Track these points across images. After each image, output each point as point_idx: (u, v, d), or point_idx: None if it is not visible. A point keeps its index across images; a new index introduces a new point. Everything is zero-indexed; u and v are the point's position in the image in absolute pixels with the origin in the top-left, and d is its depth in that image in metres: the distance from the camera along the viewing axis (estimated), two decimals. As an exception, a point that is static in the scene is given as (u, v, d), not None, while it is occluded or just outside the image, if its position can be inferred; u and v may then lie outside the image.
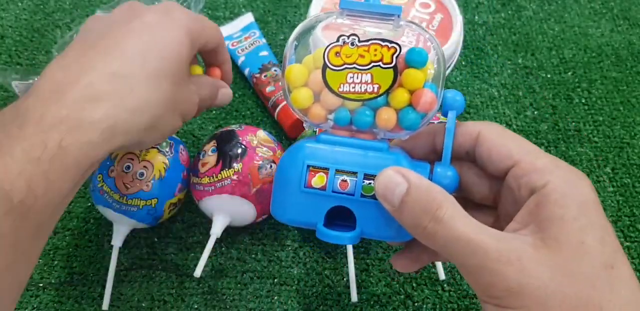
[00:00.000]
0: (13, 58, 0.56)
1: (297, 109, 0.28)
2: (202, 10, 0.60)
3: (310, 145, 0.27)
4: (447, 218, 0.22)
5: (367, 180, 0.26)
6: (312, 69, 0.28)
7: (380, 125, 0.28)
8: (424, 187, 0.23)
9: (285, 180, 0.27)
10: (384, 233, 0.27)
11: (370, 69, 0.27)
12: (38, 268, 0.43)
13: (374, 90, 0.27)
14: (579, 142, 0.51)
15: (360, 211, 0.26)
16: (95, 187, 0.40)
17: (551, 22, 0.61)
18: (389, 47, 0.26)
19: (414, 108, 0.27)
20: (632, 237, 0.46)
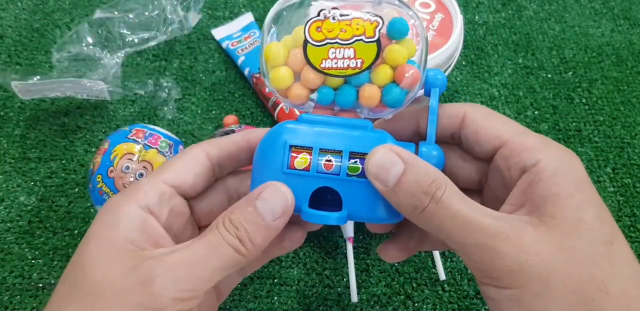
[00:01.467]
0: (13, 58, 0.56)
1: (276, 90, 0.27)
2: (202, 10, 0.60)
3: (291, 126, 0.26)
4: (445, 198, 0.22)
5: (352, 159, 0.25)
6: (291, 48, 0.27)
7: (363, 102, 0.27)
8: (422, 166, 0.23)
9: (266, 162, 0.26)
10: (372, 215, 0.26)
11: (352, 43, 0.26)
12: (37, 268, 0.43)
13: (357, 65, 0.26)
14: (580, 142, 0.51)
15: (347, 191, 0.25)
16: (95, 187, 0.40)
17: (552, 22, 0.61)
18: (371, 21, 0.26)
19: (398, 84, 0.26)
20: (633, 237, 0.45)
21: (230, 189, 0.29)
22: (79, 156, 0.50)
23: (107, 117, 0.52)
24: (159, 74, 0.55)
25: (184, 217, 0.27)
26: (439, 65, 0.42)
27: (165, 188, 0.25)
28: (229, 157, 0.28)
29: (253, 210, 0.24)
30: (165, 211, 0.25)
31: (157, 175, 0.26)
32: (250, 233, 0.24)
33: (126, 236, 0.23)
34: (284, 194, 0.24)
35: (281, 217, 0.24)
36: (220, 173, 0.28)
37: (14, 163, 0.49)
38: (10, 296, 0.42)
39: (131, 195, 0.25)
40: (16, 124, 0.52)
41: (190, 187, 0.26)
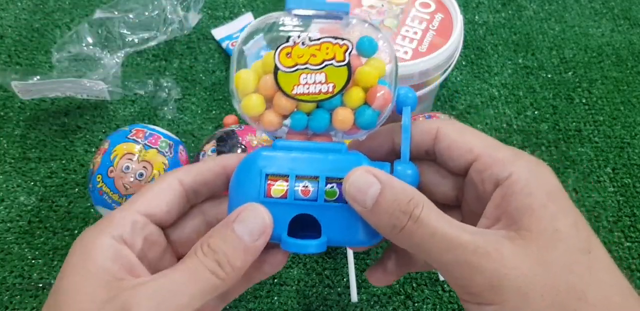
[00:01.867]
0: (13, 58, 0.56)
1: (248, 117, 0.27)
2: (202, 10, 0.60)
3: (266, 153, 0.26)
4: (423, 216, 0.22)
5: (329, 184, 0.25)
6: (261, 75, 0.27)
7: (337, 126, 0.27)
8: (398, 186, 0.23)
9: (242, 191, 0.26)
10: (352, 239, 0.26)
11: (323, 68, 0.26)
12: (37, 268, 0.43)
13: (329, 90, 0.26)
14: (580, 142, 0.51)
15: (325, 217, 0.25)
16: (95, 187, 0.40)
17: (552, 22, 0.61)
18: (340, 45, 0.26)
19: (370, 106, 0.26)
20: (633, 237, 0.45)
21: (207, 214, 0.29)
22: (79, 156, 0.50)
23: (107, 117, 0.52)
24: (159, 73, 0.55)
25: (160, 246, 0.27)
26: (439, 65, 0.42)
27: (138, 218, 0.25)
28: (204, 183, 0.28)
29: (231, 233, 0.24)
30: (139, 240, 0.25)
31: (129, 205, 0.26)
32: (230, 256, 0.23)
33: (101, 268, 0.23)
34: (262, 214, 0.24)
35: (260, 238, 0.24)
36: (196, 199, 0.28)
37: (14, 163, 0.49)
38: (10, 296, 0.42)
39: (104, 226, 0.25)
40: (16, 124, 0.52)
41: (164, 215, 0.26)
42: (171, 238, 0.28)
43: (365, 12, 0.45)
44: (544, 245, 0.21)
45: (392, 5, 0.45)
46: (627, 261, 0.44)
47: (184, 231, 0.28)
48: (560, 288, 0.20)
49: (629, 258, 0.44)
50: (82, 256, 0.24)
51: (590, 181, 0.49)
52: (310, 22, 0.28)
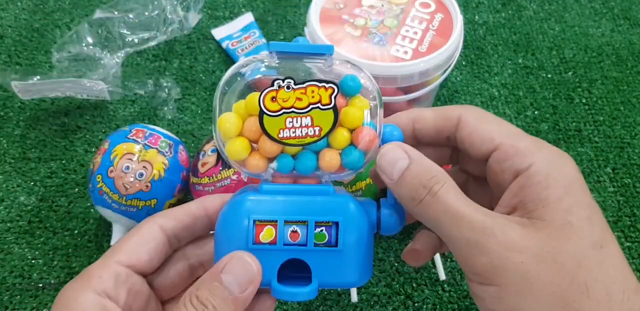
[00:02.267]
0: (12, 58, 0.56)
1: (233, 162, 0.27)
2: (202, 10, 0.60)
3: (253, 198, 0.25)
4: (441, 192, 0.23)
5: (318, 228, 0.25)
6: (244, 116, 0.26)
7: (323, 167, 0.26)
8: (426, 163, 0.24)
9: (230, 238, 0.25)
10: (343, 280, 0.25)
11: (309, 111, 0.26)
12: (37, 268, 0.43)
13: (315, 133, 0.26)
14: (580, 142, 0.51)
15: (315, 261, 0.25)
16: (95, 187, 0.40)
17: (551, 21, 0.61)
18: (326, 88, 0.26)
19: (356, 146, 0.26)
20: (633, 237, 0.45)
21: (190, 257, 0.29)
22: (79, 156, 0.50)
23: (107, 117, 0.52)
24: (159, 73, 0.55)
25: (144, 295, 0.26)
26: (439, 65, 0.42)
27: (120, 270, 0.25)
28: (185, 227, 0.27)
29: (219, 285, 0.23)
30: (123, 293, 0.25)
31: (110, 257, 0.25)
32: (218, 308, 0.23)
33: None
34: (249, 264, 0.24)
35: (249, 288, 0.24)
36: (178, 244, 0.28)
37: (14, 163, 0.49)
38: (10, 296, 0.42)
39: (85, 281, 0.24)
40: (16, 124, 0.52)
41: (146, 264, 0.26)
42: (155, 284, 0.27)
43: (365, 12, 0.45)
44: (554, 235, 0.21)
45: (392, 5, 0.45)
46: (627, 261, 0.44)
47: (168, 276, 0.28)
48: (564, 280, 0.20)
49: (629, 258, 0.44)
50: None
51: (590, 181, 0.49)
52: (294, 62, 0.28)
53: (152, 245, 0.26)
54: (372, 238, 0.26)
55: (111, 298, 0.24)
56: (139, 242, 0.26)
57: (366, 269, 0.26)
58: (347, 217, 0.25)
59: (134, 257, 0.26)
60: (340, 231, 0.25)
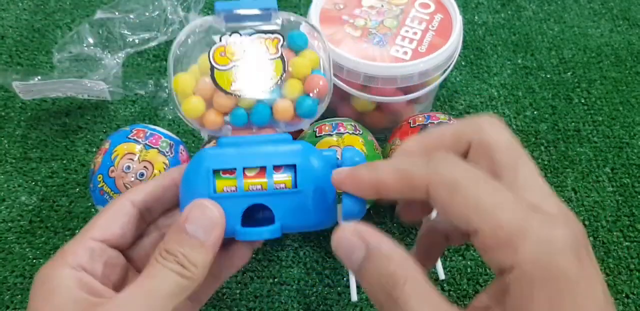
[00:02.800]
0: (14, 58, 0.56)
1: (191, 119, 0.27)
2: (202, 11, 0.61)
3: (211, 151, 0.26)
4: (402, 300, 0.19)
5: (277, 173, 0.25)
6: (199, 77, 0.27)
7: (278, 117, 0.27)
8: (384, 257, 0.20)
9: (191, 190, 0.25)
10: (305, 223, 0.26)
11: None
12: (38, 268, 0.43)
13: None
14: (579, 142, 0.51)
15: (276, 204, 0.25)
16: (96, 187, 0.40)
17: (551, 22, 0.61)
18: (272, 39, 0.26)
19: (308, 95, 0.27)
20: (632, 237, 0.46)
21: (162, 228, 0.29)
22: (79, 156, 0.50)
23: (108, 117, 0.52)
24: (159, 74, 0.56)
25: (121, 267, 0.27)
26: (438, 65, 0.42)
27: (94, 245, 0.26)
28: (156, 199, 0.28)
29: (184, 235, 0.24)
30: (99, 266, 0.25)
31: (83, 233, 0.26)
32: (189, 256, 0.24)
33: (67, 297, 0.23)
34: (210, 209, 0.24)
35: (213, 232, 0.24)
36: (151, 217, 0.29)
37: (15, 163, 0.49)
38: (11, 295, 0.42)
39: (60, 258, 0.25)
40: (17, 124, 0.52)
41: (119, 237, 0.27)
42: (131, 257, 0.28)
43: (365, 13, 0.45)
44: None
45: (392, 5, 0.46)
46: (626, 261, 0.44)
47: (143, 248, 0.28)
48: None
49: (628, 257, 0.45)
50: (44, 294, 0.24)
51: (589, 181, 0.49)
52: (241, 22, 0.28)
53: (124, 219, 0.27)
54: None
55: (87, 271, 0.25)
56: (111, 218, 0.27)
57: (328, 212, 0.26)
58: (304, 160, 0.25)
59: (107, 232, 0.26)
60: (298, 173, 0.25)
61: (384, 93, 0.44)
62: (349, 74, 0.42)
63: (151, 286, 0.23)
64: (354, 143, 0.41)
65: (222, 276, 0.29)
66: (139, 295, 0.23)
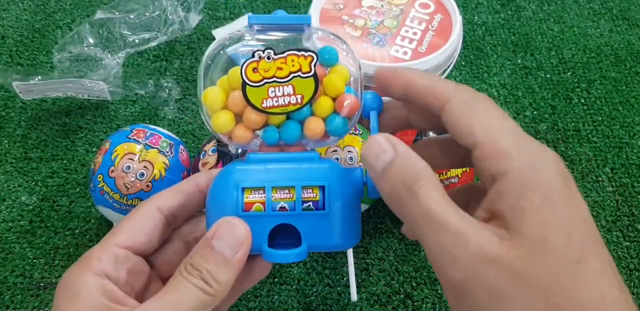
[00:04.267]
0: (14, 58, 0.56)
1: (220, 134, 0.27)
2: (203, 11, 0.61)
3: (241, 167, 0.26)
4: (422, 193, 0.21)
5: (306, 193, 0.26)
6: (228, 91, 0.27)
7: (308, 135, 0.27)
8: (410, 159, 0.22)
9: (219, 207, 0.26)
10: (331, 243, 0.26)
11: (290, 80, 0.26)
12: (39, 267, 0.43)
13: (297, 101, 0.26)
14: (578, 142, 0.51)
15: (304, 225, 0.25)
16: (96, 187, 0.40)
17: (550, 22, 0.61)
18: (305, 56, 0.26)
19: (338, 113, 0.27)
20: (632, 237, 0.46)
21: (185, 235, 0.29)
22: (80, 156, 0.50)
23: (108, 117, 0.52)
24: (159, 74, 0.56)
25: (144, 274, 0.27)
26: (438, 65, 0.42)
27: (119, 251, 0.26)
28: (181, 205, 0.28)
29: (211, 250, 0.24)
30: (123, 273, 0.25)
31: (108, 239, 0.26)
32: (213, 272, 0.24)
33: (89, 304, 0.23)
34: (239, 227, 0.25)
35: (240, 250, 0.24)
36: (176, 223, 0.29)
37: (15, 163, 0.49)
38: (11, 295, 0.42)
39: (85, 264, 0.25)
40: (17, 124, 0.52)
41: (144, 244, 0.27)
42: (155, 264, 0.28)
43: (365, 13, 0.45)
44: (530, 252, 0.19)
45: (392, 5, 0.46)
46: (625, 261, 0.44)
47: (167, 256, 0.28)
48: (538, 301, 0.19)
49: (628, 257, 0.45)
50: (68, 297, 0.24)
51: (589, 181, 0.49)
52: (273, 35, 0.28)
53: (149, 225, 0.27)
54: (359, 202, 0.27)
55: (111, 278, 0.25)
56: (136, 224, 0.27)
57: (354, 232, 0.26)
58: (332, 181, 0.26)
59: (131, 239, 0.26)
60: (326, 194, 0.25)
61: (383, 93, 0.44)
62: (348, 74, 0.42)
63: (173, 300, 0.23)
64: (353, 143, 0.41)
65: (241, 290, 0.29)
66: (160, 308, 0.23)
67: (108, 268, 0.25)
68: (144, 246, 0.27)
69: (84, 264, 0.25)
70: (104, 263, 0.25)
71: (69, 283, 0.24)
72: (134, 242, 0.26)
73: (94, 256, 0.25)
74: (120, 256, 0.26)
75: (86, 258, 0.25)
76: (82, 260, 0.25)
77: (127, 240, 0.26)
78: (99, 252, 0.25)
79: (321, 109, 0.27)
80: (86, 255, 0.25)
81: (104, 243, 0.26)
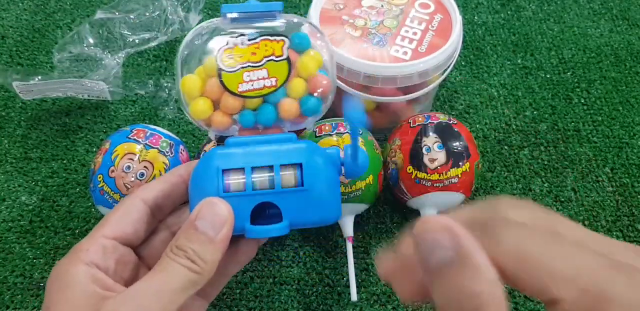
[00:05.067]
0: (14, 58, 0.56)
1: (199, 120, 0.28)
2: (202, 11, 0.61)
3: (220, 151, 0.27)
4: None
5: (284, 171, 0.26)
6: (205, 79, 0.28)
7: (284, 116, 0.28)
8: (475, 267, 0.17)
9: (201, 189, 0.26)
10: (312, 219, 0.27)
11: (264, 64, 0.27)
12: (39, 267, 0.43)
13: (272, 84, 0.27)
14: (578, 142, 0.51)
15: (284, 202, 0.26)
16: (96, 187, 0.40)
17: (550, 22, 0.61)
18: (277, 41, 0.27)
19: (312, 94, 0.28)
20: (632, 237, 0.46)
21: (171, 226, 0.30)
22: (80, 156, 0.50)
23: (108, 117, 0.52)
24: (159, 74, 0.56)
25: (133, 264, 0.28)
26: (438, 65, 0.42)
27: (106, 242, 0.26)
28: (166, 196, 0.29)
29: (195, 231, 0.25)
30: (112, 263, 0.26)
31: (96, 231, 0.27)
32: (198, 251, 0.24)
33: (81, 291, 0.24)
34: (219, 206, 0.25)
35: (223, 229, 0.25)
36: (162, 214, 0.29)
37: (15, 163, 0.49)
38: (11, 295, 0.42)
39: (74, 256, 0.26)
40: (17, 124, 0.52)
41: (131, 235, 0.27)
42: (142, 254, 0.29)
43: (365, 13, 0.45)
44: None
45: (392, 5, 0.46)
46: (625, 261, 0.44)
47: (154, 246, 0.29)
48: None
49: (628, 257, 0.45)
50: (59, 287, 0.24)
51: (589, 181, 0.49)
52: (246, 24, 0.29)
53: (135, 216, 0.27)
54: (337, 180, 0.27)
55: (100, 268, 0.25)
56: (122, 215, 0.27)
57: (334, 208, 0.27)
58: (309, 159, 0.26)
59: (118, 230, 0.27)
60: (304, 172, 0.26)
61: (384, 93, 0.44)
62: (349, 74, 0.42)
63: (161, 280, 0.24)
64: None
65: (229, 273, 0.30)
66: (149, 289, 0.24)
67: (97, 259, 0.25)
68: (130, 237, 0.27)
69: (73, 256, 0.25)
70: (93, 254, 0.25)
71: (60, 275, 0.25)
72: (120, 233, 0.27)
73: (82, 248, 0.26)
74: (108, 247, 0.26)
75: (75, 251, 0.26)
76: (71, 252, 0.26)
77: (114, 231, 0.27)
78: (87, 244, 0.26)
79: (295, 91, 0.28)
80: (75, 248, 0.26)
81: (91, 236, 0.26)
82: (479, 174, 0.42)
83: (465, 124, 0.51)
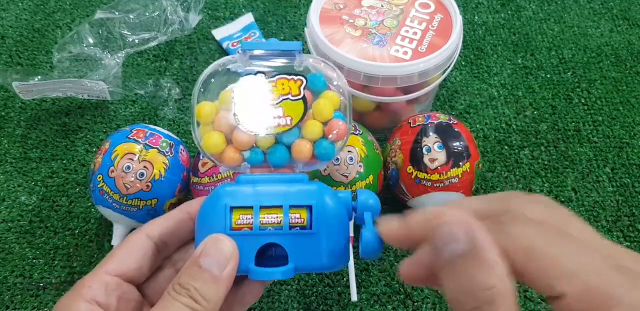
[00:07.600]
0: (14, 58, 0.56)
1: (210, 155, 0.28)
2: (202, 11, 0.61)
3: (230, 188, 0.26)
4: None
5: (293, 213, 0.26)
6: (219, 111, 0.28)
7: (296, 157, 0.28)
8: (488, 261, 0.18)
9: (207, 226, 0.26)
10: (318, 264, 0.26)
11: (280, 102, 0.27)
12: (38, 267, 0.43)
13: (287, 123, 0.27)
14: (579, 141, 0.51)
15: (291, 245, 0.25)
16: (96, 187, 0.40)
17: (551, 22, 0.61)
18: (295, 80, 0.27)
19: (326, 138, 0.28)
20: (632, 237, 0.46)
21: (176, 262, 0.29)
22: (79, 156, 0.50)
23: (108, 117, 0.52)
24: (159, 74, 0.56)
25: (135, 302, 0.27)
26: (438, 65, 0.42)
27: (109, 279, 0.26)
28: (172, 233, 0.28)
29: (198, 269, 0.24)
30: (113, 300, 0.26)
31: (99, 267, 0.26)
32: (201, 290, 0.24)
33: None
34: (224, 243, 0.25)
35: (227, 267, 0.24)
36: (167, 250, 0.29)
37: (15, 163, 0.49)
38: (11, 295, 0.42)
39: (76, 292, 0.25)
40: (17, 124, 0.52)
41: (135, 272, 0.27)
42: (146, 292, 0.28)
43: (365, 13, 0.45)
44: None
45: (392, 5, 0.46)
46: (625, 261, 0.44)
47: (158, 283, 0.28)
48: None
49: (628, 257, 0.45)
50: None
51: (589, 181, 0.49)
52: (265, 60, 0.29)
53: (139, 253, 0.27)
54: (347, 225, 0.27)
55: (101, 305, 0.25)
56: (126, 252, 0.27)
57: (341, 254, 0.26)
58: (320, 201, 0.26)
59: (122, 266, 0.26)
60: (314, 214, 0.25)
61: (384, 93, 0.44)
62: (349, 74, 0.42)
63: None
64: (353, 143, 0.41)
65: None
66: None
67: (99, 296, 0.25)
68: (134, 274, 0.27)
69: (75, 292, 0.25)
70: (95, 291, 0.25)
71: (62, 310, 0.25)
72: (124, 270, 0.26)
73: (85, 284, 0.25)
74: (111, 284, 0.26)
75: (78, 286, 0.26)
76: (74, 288, 0.26)
77: (117, 268, 0.26)
78: (89, 280, 0.26)
79: (310, 133, 0.28)
80: (78, 284, 0.26)
81: (95, 272, 0.26)
82: (479, 174, 0.42)
83: (466, 124, 0.51)
